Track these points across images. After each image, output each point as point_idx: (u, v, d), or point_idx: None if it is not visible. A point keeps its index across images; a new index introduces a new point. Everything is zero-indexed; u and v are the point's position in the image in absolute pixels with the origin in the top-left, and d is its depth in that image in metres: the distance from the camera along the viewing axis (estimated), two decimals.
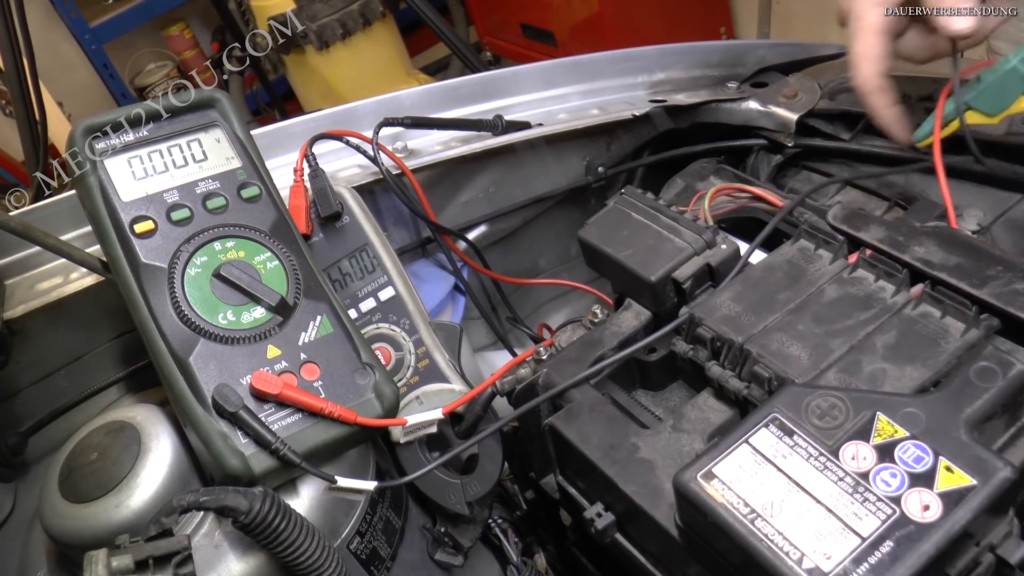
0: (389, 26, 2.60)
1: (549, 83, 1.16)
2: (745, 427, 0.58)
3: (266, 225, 0.77)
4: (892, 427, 0.55)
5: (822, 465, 0.54)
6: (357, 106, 1.09)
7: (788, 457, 0.55)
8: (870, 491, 0.52)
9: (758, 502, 0.53)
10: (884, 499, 0.51)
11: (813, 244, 0.73)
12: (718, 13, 2.91)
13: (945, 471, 0.52)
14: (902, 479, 0.52)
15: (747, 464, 0.55)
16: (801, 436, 0.56)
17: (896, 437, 0.54)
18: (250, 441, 0.67)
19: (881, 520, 0.51)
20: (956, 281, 0.65)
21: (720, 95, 1.12)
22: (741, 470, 0.55)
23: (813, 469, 0.54)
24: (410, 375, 0.83)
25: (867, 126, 1.02)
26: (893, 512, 0.51)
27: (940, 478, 0.51)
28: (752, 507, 0.53)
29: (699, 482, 0.55)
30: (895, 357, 0.61)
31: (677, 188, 1.06)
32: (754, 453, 0.56)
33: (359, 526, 0.74)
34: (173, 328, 0.70)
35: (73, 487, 0.68)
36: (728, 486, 0.54)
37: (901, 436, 0.54)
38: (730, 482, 0.54)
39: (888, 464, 0.53)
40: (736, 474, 0.55)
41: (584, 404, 0.71)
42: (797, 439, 0.56)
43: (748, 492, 0.54)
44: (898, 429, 0.54)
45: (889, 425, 0.55)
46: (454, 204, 1.12)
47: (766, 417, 0.58)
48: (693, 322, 0.70)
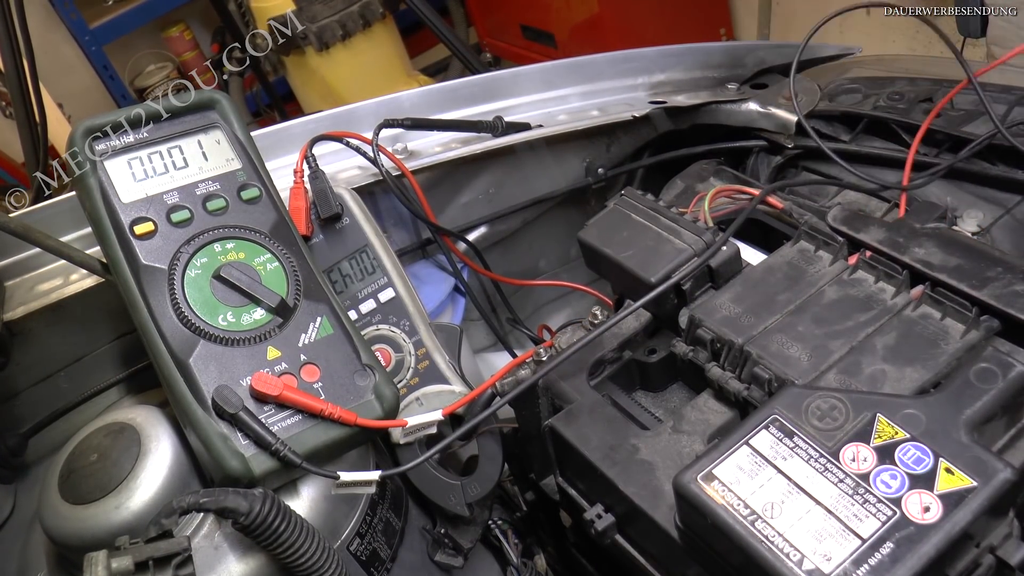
0: (389, 27, 2.60)
1: (549, 84, 1.16)
2: (745, 428, 0.58)
3: (266, 226, 0.77)
4: (892, 428, 0.55)
5: (822, 467, 0.54)
6: (357, 107, 1.09)
7: (788, 459, 0.55)
8: (870, 492, 0.52)
9: (758, 504, 0.53)
10: (884, 500, 0.51)
11: (813, 245, 0.73)
12: (718, 14, 2.90)
13: (945, 472, 0.52)
14: (902, 480, 0.52)
15: (747, 466, 0.55)
16: (801, 438, 0.56)
17: (896, 439, 0.54)
18: (250, 442, 0.67)
19: (881, 521, 0.51)
20: (956, 282, 0.65)
21: (720, 96, 1.12)
22: (741, 471, 0.55)
23: (813, 471, 0.54)
24: (410, 376, 0.83)
25: (867, 127, 1.02)
26: (893, 513, 0.51)
27: (940, 479, 0.51)
28: (752, 509, 0.53)
29: (699, 483, 0.55)
30: (895, 358, 0.61)
31: (677, 189, 1.06)
32: (754, 454, 0.56)
33: (359, 527, 0.74)
34: (173, 329, 0.70)
35: (73, 488, 0.68)
36: (728, 487, 0.54)
37: (901, 438, 0.54)
38: (730, 483, 0.54)
39: (888, 466, 0.53)
40: (736, 475, 0.55)
41: (584, 405, 0.71)
42: (797, 440, 0.56)
43: (748, 494, 0.54)
44: (898, 430, 0.55)
45: (889, 427, 0.55)
46: (454, 205, 1.12)
47: (766, 419, 0.58)
48: (693, 323, 0.70)
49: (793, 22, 2.71)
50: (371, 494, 0.76)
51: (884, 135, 1.01)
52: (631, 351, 0.78)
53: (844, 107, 1.03)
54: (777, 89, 1.11)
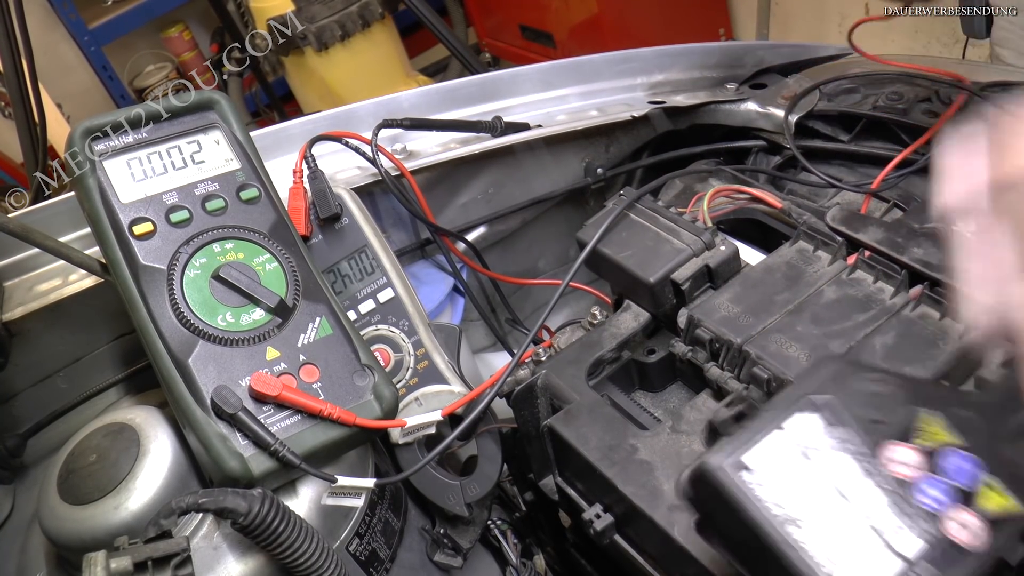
0: (388, 28, 2.60)
1: (548, 84, 1.16)
2: (780, 407, 0.52)
3: (265, 227, 0.77)
4: (938, 430, 0.50)
5: (864, 469, 0.49)
6: (356, 108, 1.09)
7: (827, 452, 0.50)
8: (912, 505, 0.48)
9: (792, 503, 0.48)
10: (927, 517, 0.47)
11: (812, 245, 0.73)
12: (717, 14, 2.91)
13: (990, 491, 0.48)
14: (947, 494, 0.48)
15: (782, 455, 0.50)
16: (841, 428, 0.51)
17: (942, 442, 0.50)
18: (249, 443, 0.67)
19: (925, 541, 0.47)
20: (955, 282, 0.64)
21: (719, 96, 1.12)
22: (775, 462, 0.50)
23: (853, 470, 0.49)
24: (409, 376, 0.83)
25: (866, 127, 1.02)
26: (937, 533, 0.47)
27: (985, 499, 0.48)
28: (786, 509, 0.48)
29: (727, 472, 0.49)
30: (894, 358, 0.61)
31: (676, 189, 1.06)
32: (790, 442, 0.50)
33: (358, 527, 0.74)
34: (172, 330, 0.70)
35: (72, 489, 0.68)
36: (761, 481, 0.49)
37: (947, 442, 0.50)
38: (764, 475, 0.49)
39: (932, 475, 0.49)
40: (770, 466, 0.49)
41: (583, 405, 0.71)
42: (837, 431, 0.50)
43: (782, 490, 0.49)
44: (945, 434, 0.50)
45: (935, 427, 0.50)
46: (453, 205, 1.12)
47: (803, 398, 0.52)
48: (692, 323, 0.70)
49: (792, 22, 2.71)
50: (371, 495, 0.76)
51: (883, 135, 1.01)
52: (630, 351, 0.78)
53: (843, 107, 1.04)
54: (776, 89, 1.11)
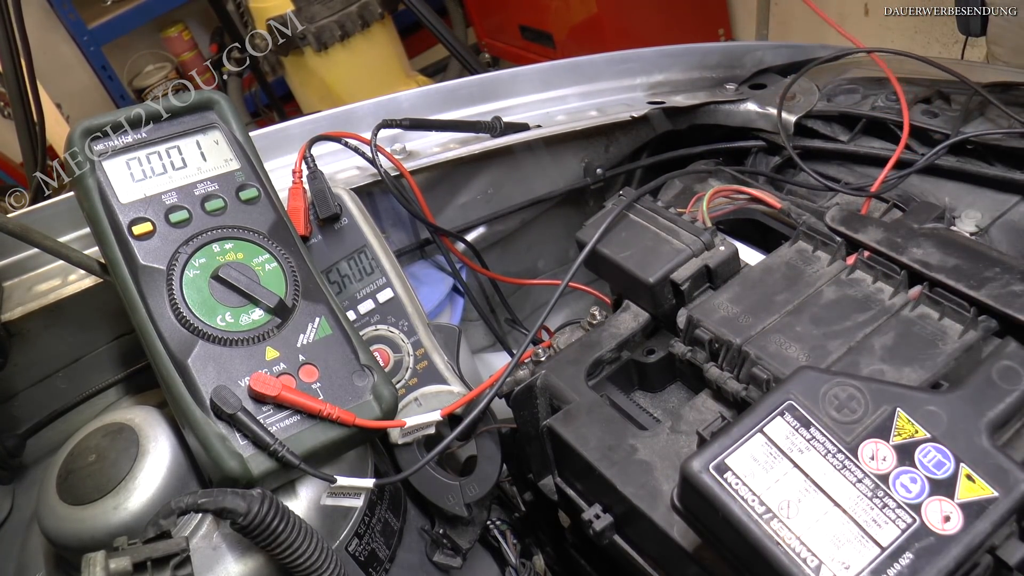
0: (388, 28, 2.60)
1: (547, 85, 1.16)
2: (758, 413, 0.54)
3: (265, 227, 0.76)
4: (913, 426, 0.52)
5: (840, 464, 0.52)
6: (356, 108, 1.09)
7: (805, 452, 0.52)
8: (889, 496, 0.50)
9: (774, 501, 0.51)
10: (904, 506, 0.49)
11: (811, 246, 0.73)
12: (716, 15, 2.91)
13: (966, 479, 0.50)
14: (922, 485, 0.50)
15: (762, 457, 0.52)
16: (818, 429, 0.53)
17: (916, 438, 0.52)
18: (248, 443, 0.67)
19: (901, 529, 0.49)
20: (954, 283, 0.65)
21: (718, 97, 1.12)
22: (755, 463, 0.52)
23: (831, 467, 0.52)
24: (408, 377, 0.83)
25: (865, 128, 1.02)
26: (913, 521, 0.49)
27: (961, 487, 0.50)
28: (768, 506, 0.50)
29: (711, 474, 0.52)
30: (893, 358, 0.61)
31: (675, 190, 1.06)
32: (769, 445, 0.53)
33: (357, 528, 0.74)
34: (171, 330, 0.70)
35: (71, 489, 0.68)
36: (742, 480, 0.51)
37: (922, 437, 0.52)
38: (744, 476, 0.51)
39: (908, 468, 0.51)
40: (750, 468, 0.52)
41: (582, 406, 0.71)
42: (814, 432, 0.53)
43: (763, 489, 0.51)
44: (919, 429, 0.52)
45: (909, 423, 0.53)
46: (452, 206, 1.12)
47: (781, 403, 0.55)
48: (691, 323, 0.70)
49: (791, 22, 2.71)
50: (370, 495, 0.76)
51: (883, 135, 1.01)
52: (629, 351, 0.78)
53: (842, 107, 1.04)
54: (775, 89, 1.11)
